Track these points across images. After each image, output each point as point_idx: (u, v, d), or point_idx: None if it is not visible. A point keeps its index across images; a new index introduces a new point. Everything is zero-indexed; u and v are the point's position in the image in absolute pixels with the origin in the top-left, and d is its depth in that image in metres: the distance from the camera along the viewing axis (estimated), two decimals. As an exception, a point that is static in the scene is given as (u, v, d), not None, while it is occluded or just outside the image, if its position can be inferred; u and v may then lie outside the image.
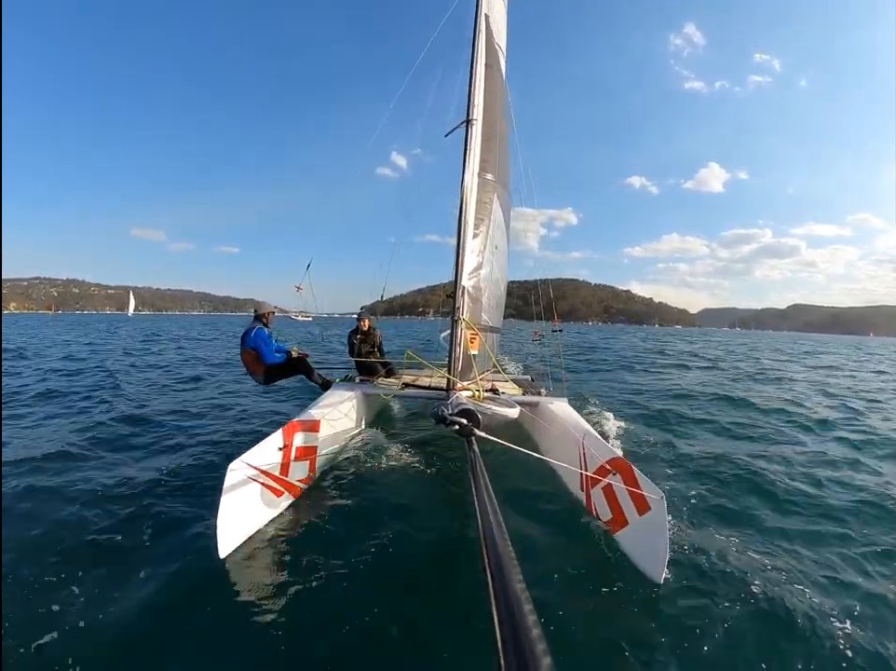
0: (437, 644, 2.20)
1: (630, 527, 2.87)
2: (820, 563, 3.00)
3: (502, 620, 0.98)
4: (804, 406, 8.71)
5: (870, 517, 3.75)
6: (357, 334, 6.23)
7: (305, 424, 3.85)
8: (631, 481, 2.91)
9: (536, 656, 0.84)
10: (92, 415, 6.62)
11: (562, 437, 4.10)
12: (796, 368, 17.90)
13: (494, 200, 5.38)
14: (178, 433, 5.66)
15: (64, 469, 4.38)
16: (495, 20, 5.92)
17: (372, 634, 2.26)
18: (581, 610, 2.40)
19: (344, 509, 3.59)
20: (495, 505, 1.61)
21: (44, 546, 2.99)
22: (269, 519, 3.15)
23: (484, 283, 5.18)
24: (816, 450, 5.66)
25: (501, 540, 1.33)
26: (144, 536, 3.17)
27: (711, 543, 3.08)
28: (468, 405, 3.25)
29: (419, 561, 2.91)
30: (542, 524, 3.31)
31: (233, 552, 2.74)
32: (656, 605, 2.45)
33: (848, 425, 7.24)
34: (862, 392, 11.25)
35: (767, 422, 7.22)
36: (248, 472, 3.03)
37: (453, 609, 2.44)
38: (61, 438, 5.36)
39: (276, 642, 2.20)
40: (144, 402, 7.64)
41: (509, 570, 1.15)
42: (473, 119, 4.98)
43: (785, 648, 2.25)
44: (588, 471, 3.35)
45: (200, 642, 2.22)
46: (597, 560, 2.90)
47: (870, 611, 2.54)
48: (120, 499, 3.70)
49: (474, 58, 5.27)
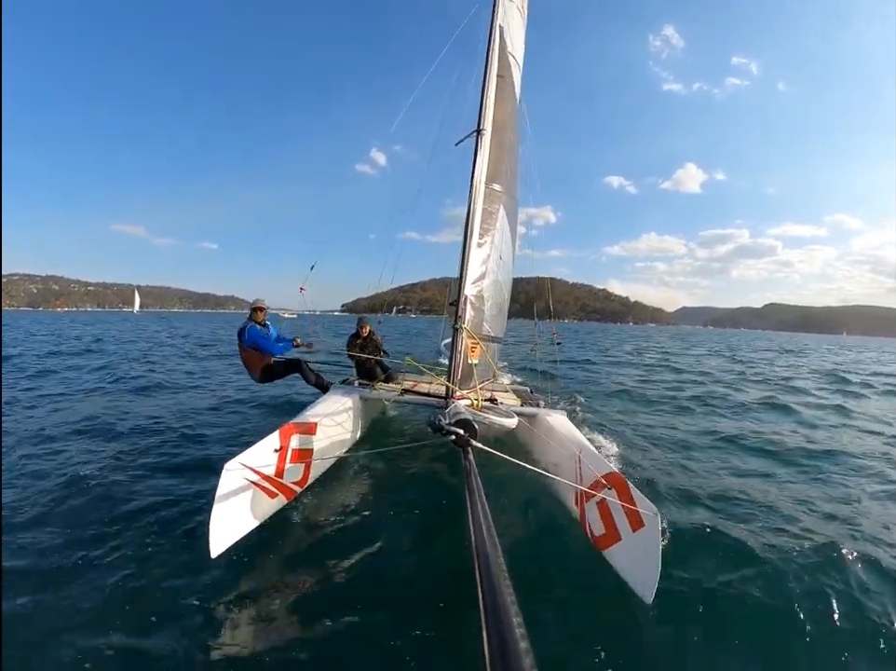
0: (426, 649, 2.21)
1: (622, 542, 2.86)
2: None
3: (490, 630, 0.99)
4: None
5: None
6: (357, 338, 6.25)
7: (301, 426, 3.86)
8: (625, 496, 2.89)
9: (523, 668, 0.86)
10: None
11: (558, 450, 4.09)
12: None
13: (500, 210, 5.40)
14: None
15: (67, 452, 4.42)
16: (510, 32, 5.96)
17: (359, 637, 2.28)
18: (570, 625, 2.40)
19: (337, 513, 3.60)
20: (489, 516, 1.62)
21: (43, 535, 3.03)
22: (262, 520, 3.16)
23: (487, 293, 5.19)
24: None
25: (493, 551, 1.34)
26: (139, 531, 3.20)
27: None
28: (465, 415, 3.25)
29: (410, 568, 2.92)
30: (535, 536, 3.31)
31: (225, 551, 2.75)
32: (644, 623, 2.45)
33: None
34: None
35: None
36: (243, 472, 3.04)
37: (443, 614, 2.45)
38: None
39: (263, 642, 2.21)
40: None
41: (499, 582, 1.16)
42: (483, 129, 5.01)
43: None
44: (583, 485, 3.34)
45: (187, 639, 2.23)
46: (589, 576, 2.90)
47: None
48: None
49: (487, 68, 5.30)
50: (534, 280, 7.68)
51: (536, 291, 7.43)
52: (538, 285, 7.45)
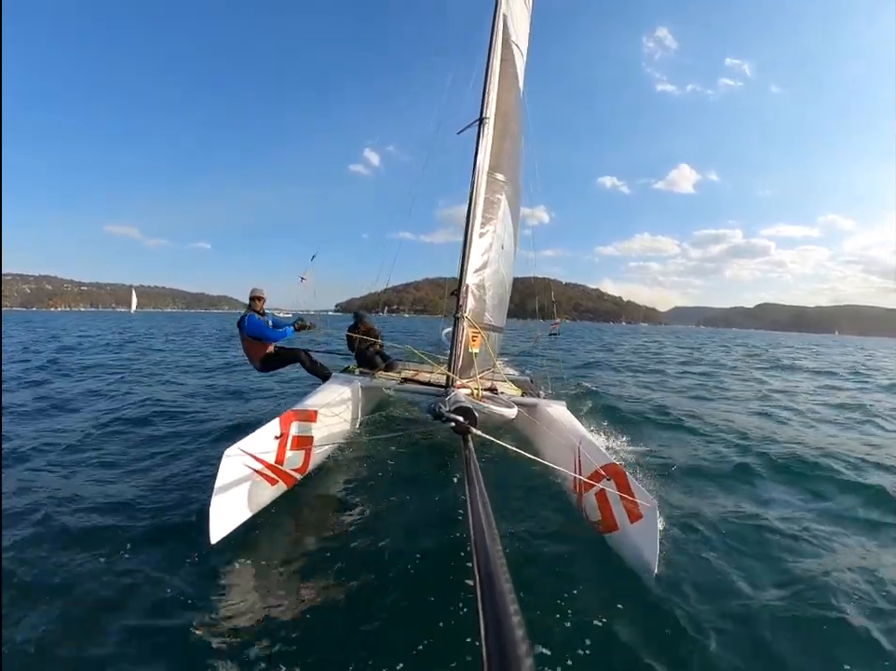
0: (425, 636, 2.20)
1: (620, 533, 2.87)
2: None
3: (487, 617, 0.98)
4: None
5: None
6: (356, 330, 6.25)
7: (301, 414, 3.84)
8: (624, 487, 2.90)
9: (519, 657, 0.85)
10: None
11: (558, 440, 4.09)
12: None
13: (502, 200, 5.36)
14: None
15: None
16: (514, 21, 5.88)
17: (358, 626, 2.26)
18: (568, 613, 2.40)
19: (337, 500, 3.59)
20: (488, 505, 1.61)
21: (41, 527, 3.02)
22: (262, 507, 3.15)
23: (489, 282, 5.17)
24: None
25: (491, 539, 1.33)
26: (137, 518, 3.18)
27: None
28: (465, 403, 3.24)
29: (409, 555, 2.91)
30: (534, 526, 3.31)
31: (224, 538, 2.74)
32: (643, 613, 2.45)
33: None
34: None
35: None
36: (243, 459, 3.03)
37: (443, 603, 2.43)
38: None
39: (262, 630, 2.20)
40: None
41: (496, 570, 1.15)
42: (486, 118, 4.95)
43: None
44: (582, 475, 3.34)
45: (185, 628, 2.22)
46: (587, 564, 2.90)
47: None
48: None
49: (490, 57, 5.24)
50: (528, 279, 7.70)
51: (530, 290, 7.45)
52: (532, 285, 7.48)
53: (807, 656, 2.24)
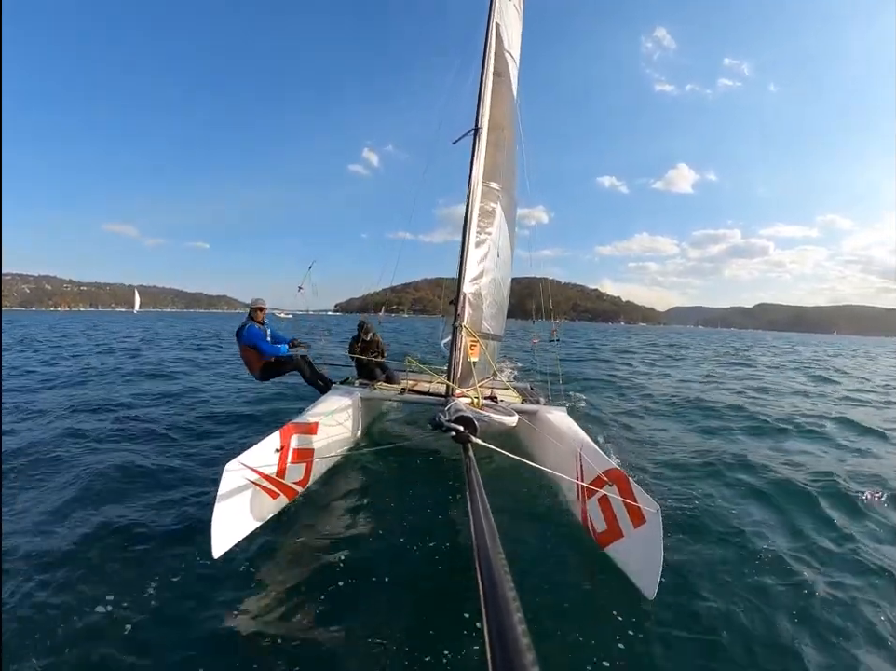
0: (429, 647, 2.20)
1: (624, 539, 2.86)
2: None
3: (491, 627, 0.99)
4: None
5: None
6: (358, 342, 6.26)
7: (302, 426, 3.85)
8: (627, 493, 2.89)
9: (525, 665, 0.85)
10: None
11: (559, 446, 4.09)
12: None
13: (498, 209, 5.40)
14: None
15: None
16: (507, 29, 5.96)
17: (362, 636, 2.27)
18: (572, 621, 2.39)
19: (339, 512, 3.59)
20: (489, 513, 1.61)
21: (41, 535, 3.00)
22: (264, 521, 3.15)
23: (486, 291, 5.19)
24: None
25: (493, 547, 1.33)
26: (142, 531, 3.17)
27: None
28: (465, 412, 3.25)
29: (412, 565, 2.91)
30: (536, 533, 3.31)
31: (227, 552, 2.73)
32: (646, 619, 2.44)
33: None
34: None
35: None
36: (244, 472, 3.02)
37: (446, 613, 2.44)
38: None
39: (266, 643, 2.20)
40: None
41: (500, 578, 1.15)
42: (480, 128, 5.00)
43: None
44: (584, 481, 3.33)
45: (191, 640, 2.21)
46: (590, 571, 2.90)
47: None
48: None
49: (484, 67, 5.30)
50: (525, 280, 7.70)
51: (528, 291, 7.44)
52: (530, 285, 7.49)
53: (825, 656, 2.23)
